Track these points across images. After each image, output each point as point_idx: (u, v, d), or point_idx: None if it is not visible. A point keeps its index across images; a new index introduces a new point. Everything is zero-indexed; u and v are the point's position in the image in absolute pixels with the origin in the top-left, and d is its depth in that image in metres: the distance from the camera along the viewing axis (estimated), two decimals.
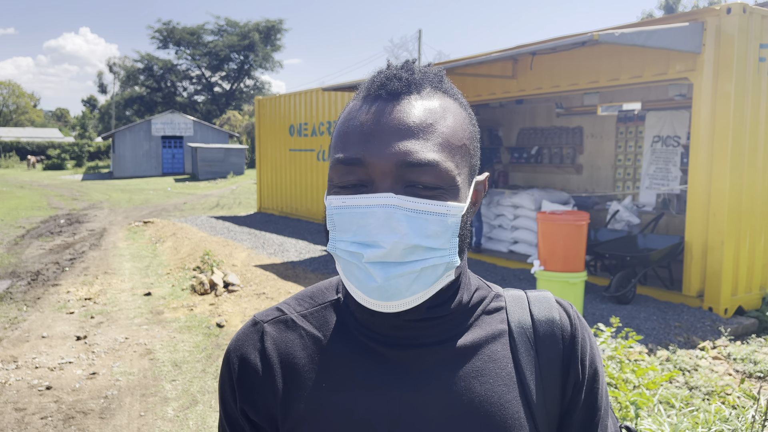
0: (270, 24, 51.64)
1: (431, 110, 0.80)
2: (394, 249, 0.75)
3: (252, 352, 0.89)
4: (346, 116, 0.83)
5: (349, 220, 0.78)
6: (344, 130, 0.82)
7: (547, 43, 6.48)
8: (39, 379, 4.86)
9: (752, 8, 6.01)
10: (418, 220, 0.76)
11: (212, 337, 5.82)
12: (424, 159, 0.77)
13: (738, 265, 6.23)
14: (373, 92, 0.82)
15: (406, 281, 0.77)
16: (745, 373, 4.78)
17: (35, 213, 16.59)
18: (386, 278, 0.76)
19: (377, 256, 0.75)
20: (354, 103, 0.85)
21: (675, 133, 8.51)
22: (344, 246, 0.79)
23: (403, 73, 0.83)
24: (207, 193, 23.06)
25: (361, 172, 0.78)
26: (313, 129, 13.57)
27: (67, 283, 8.14)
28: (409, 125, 0.78)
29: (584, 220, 5.85)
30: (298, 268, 8.61)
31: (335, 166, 0.80)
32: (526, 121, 11.12)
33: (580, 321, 0.93)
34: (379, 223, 0.76)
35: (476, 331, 0.88)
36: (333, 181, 0.81)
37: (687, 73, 6.28)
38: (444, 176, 0.78)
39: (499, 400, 0.84)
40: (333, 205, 0.80)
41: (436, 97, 0.82)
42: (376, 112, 0.80)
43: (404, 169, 0.77)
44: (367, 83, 0.85)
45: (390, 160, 0.77)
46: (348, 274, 0.80)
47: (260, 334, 0.90)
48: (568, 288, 5.75)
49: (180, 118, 37.30)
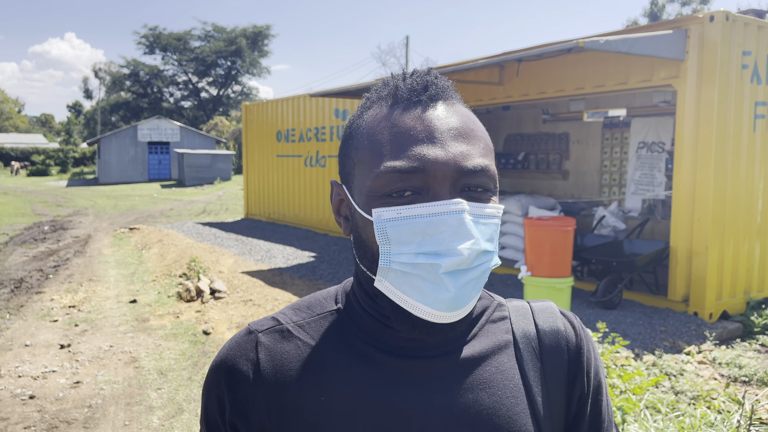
0: (257, 30, 51.60)
1: (468, 117, 0.81)
2: (470, 256, 0.74)
3: (245, 363, 0.85)
4: (377, 123, 0.80)
5: (411, 230, 0.75)
6: (386, 136, 0.78)
7: (534, 50, 6.52)
8: (22, 388, 4.79)
9: (735, 16, 6.09)
10: (481, 224, 0.77)
11: (198, 345, 5.78)
12: (480, 164, 0.78)
13: (722, 269, 6.29)
14: (406, 97, 0.80)
15: (471, 287, 0.76)
16: (730, 377, 4.82)
17: (19, 220, 16.40)
18: (458, 287, 0.74)
19: (455, 264, 0.74)
20: (378, 110, 0.81)
21: (660, 139, 8.59)
22: (407, 259, 0.75)
23: (433, 79, 0.82)
24: (194, 199, 22.93)
25: (417, 179, 0.75)
26: (301, 135, 13.56)
27: (51, 290, 8.05)
28: (458, 130, 0.78)
29: (571, 225, 5.88)
30: (286, 274, 8.58)
31: (386, 174, 0.76)
32: (512, 127, 11.18)
33: (585, 332, 0.93)
34: (452, 231, 0.74)
35: (482, 341, 0.86)
36: (377, 192, 0.77)
37: (671, 80, 6.34)
38: (492, 179, 0.79)
39: (508, 412, 0.82)
40: (384, 218, 0.76)
41: (460, 105, 0.83)
42: (420, 117, 0.78)
43: (462, 174, 0.76)
44: (387, 89, 0.83)
45: (449, 166, 0.75)
46: (406, 288, 0.76)
47: (254, 344, 0.86)
48: (555, 293, 5.77)
49: (166, 124, 37.11)
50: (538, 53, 6.42)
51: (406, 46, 40.58)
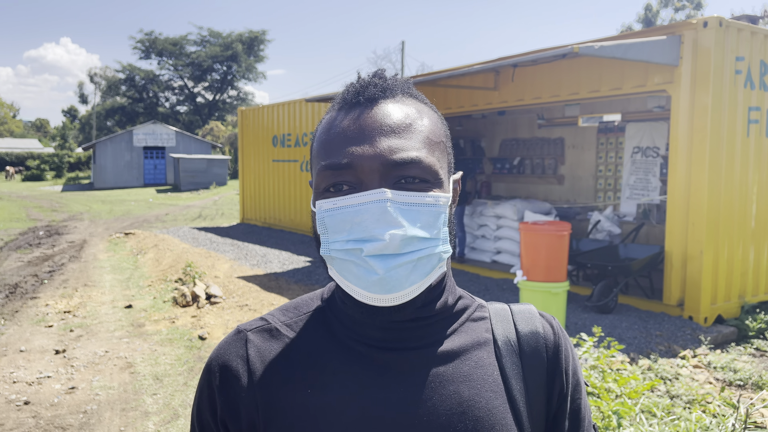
0: (253, 35, 51.60)
1: (408, 112, 0.85)
2: (392, 241, 0.77)
3: (235, 360, 0.88)
4: (326, 126, 0.87)
5: (342, 219, 0.80)
6: (327, 138, 0.84)
7: (529, 56, 6.55)
8: (17, 393, 4.77)
9: (728, 22, 6.13)
10: (411, 211, 0.80)
11: (194, 350, 5.76)
12: (409, 156, 0.81)
13: (717, 274, 6.31)
14: (350, 100, 0.86)
15: (405, 271, 0.79)
16: (725, 381, 4.83)
17: (13, 225, 16.35)
18: (387, 269, 0.78)
19: (377, 248, 0.77)
20: (331, 114, 0.88)
21: (654, 144, 8.63)
22: (339, 246, 0.80)
23: (376, 80, 0.87)
24: (189, 204, 22.89)
25: (349, 175, 0.81)
26: (297, 140, 13.56)
27: (46, 295, 8.02)
28: (390, 126, 0.82)
29: (566, 230, 5.90)
30: (281, 279, 8.57)
31: (322, 172, 0.82)
32: (508, 132, 11.21)
33: (563, 333, 0.96)
34: (375, 218, 0.78)
35: (462, 336, 0.89)
36: (320, 187, 0.83)
37: (665, 86, 6.38)
38: (429, 170, 0.82)
39: (487, 405, 0.85)
40: (324, 209, 0.82)
41: (408, 101, 0.87)
42: (357, 117, 0.83)
43: (391, 167, 0.80)
44: (341, 94, 0.89)
45: (377, 160, 0.80)
46: (345, 273, 0.81)
47: (243, 342, 0.90)
48: (551, 298, 5.78)
49: (162, 129, 37.06)
50: (533, 58, 6.45)
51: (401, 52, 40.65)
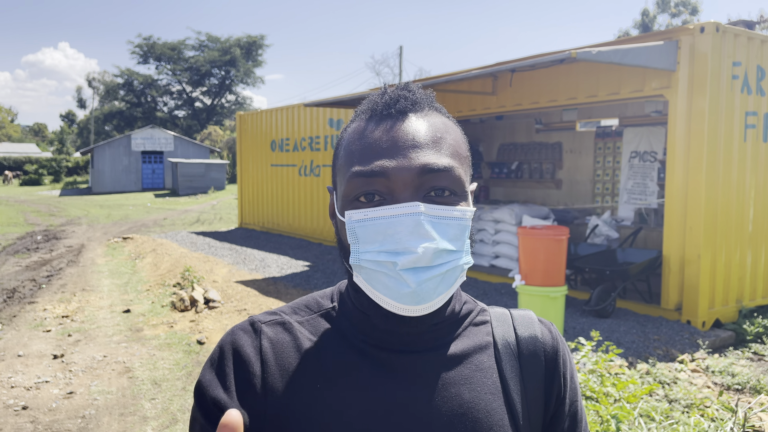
0: (251, 39, 51.67)
1: (436, 126, 0.88)
2: (425, 254, 0.80)
3: (248, 347, 0.89)
4: (355, 134, 0.88)
5: (375, 231, 0.82)
6: (359, 146, 0.86)
7: (527, 61, 6.57)
8: (15, 398, 4.76)
9: (725, 27, 6.16)
10: (441, 224, 0.82)
11: (192, 355, 5.76)
12: (442, 165, 0.83)
13: (715, 278, 6.33)
14: (380, 111, 0.87)
15: (434, 284, 0.81)
16: (723, 385, 4.84)
17: (11, 229, 16.32)
18: (419, 282, 0.80)
19: (410, 261, 0.79)
20: (359, 123, 0.89)
21: (652, 148, 8.66)
22: (371, 256, 0.82)
23: (406, 93, 0.89)
24: (187, 209, 22.88)
25: (381, 185, 0.82)
26: (295, 144, 13.57)
27: (44, 300, 8.01)
28: (422, 139, 0.85)
29: (564, 234, 5.91)
30: (280, 283, 8.57)
31: (353, 179, 0.83)
32: (506, 137, 11.24)
33: (561, 338, 0.99)
34: (409, 231, 0.80)
35: (464, 340, 0.92)
36: (349, 195, 0.84)
37: (662, 90, 6.40)
38: (457, 182, 0.85)
39: (486, 407, 0.88)
40: (354, 219, 0.83)
41: (435, 114, 0.90)
42: (389, 128, 0.85)
43: (423, 176, 0.82)
44: (369, 104, 0.90)
45: (410, 171, 0.82)
46: (375, 283, 0.83)
47: (258, 331, 0.90)
48: (549, 302, 5.78)
49: (160, 133, 37.07)
50: (531, 63, 6.47)
51: (399, 57, 40.77)
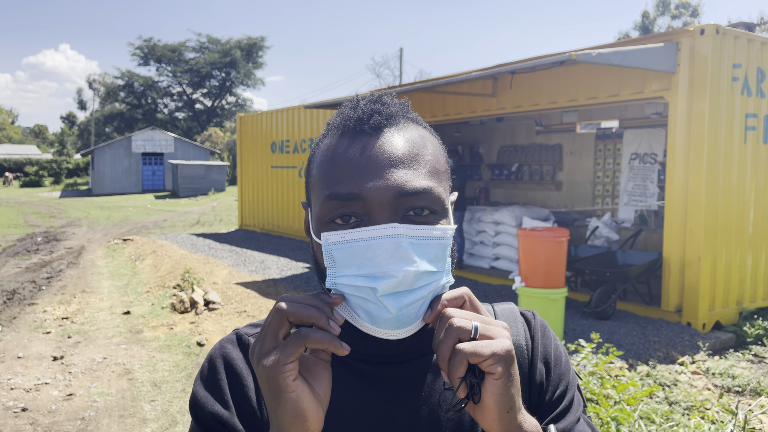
0: (252, 41, 51.71)
1: (413, 141, 0.83)
2: (406, 277, 0.76)
3: (237, 359, 0.90)
4: (328, 153, 0.84)
5: (352, 254, 0.77)
6: (332, 166, 0.82)
7: (527, 63, 6.58)
8: (14, 400, 4.76)
9: (725, 29, 6.16)
10: (421, 246, 0.78)
11: (192, 356, 5.76)
12: (420, 186, 0.79)
13: (715, 280, 6.32)
14: (352, 128, 0.83)
15: (415, 308, 0.77)
16: (723, 387, 4.84)
17: (11, 231, 16.32)
18: (399, 308, 0.76)
19: (390, 286, 0.75)
20: (331, 140, 0.85)
21: (652, 150, 8.66)
22: (348, 281, 0.77)
23: (379, 107, 0.84)
24: (188, 210, 22.89)
25: (357, 206, 0.79)
26: (295, 146, 13.58)
27: (44, 302, 8.01)
28: (399, 157, 0.80)
29: (564, 236, 5.91)
30: (280, 285, 8.57)
31: (328, 202, 0.80)
32: (506, 139, 11.24)
33: (541, 326, 0.98)
34: (388, 254, 0.76)
35: None
36: (324, 218, 0.81)
37: (662, 92, 6.40)
38: (437, 201, 0.81)
39: None
40: (330, 241, 0.79)
41: (411, 127, 0.85)
42: (363, 147, 0.81)
43: (401, 198, 0.78)
44: (341, 119, 0.86)
45: (387, 192, 0.78)
46: (355, 308, 0.78)
47: (244, 344, 0.91)
48: (549, 304, 5.78)
49: (161, 135, 37.09)
50: (531, 65, 6.48)
51: (400, 58, 40.80)
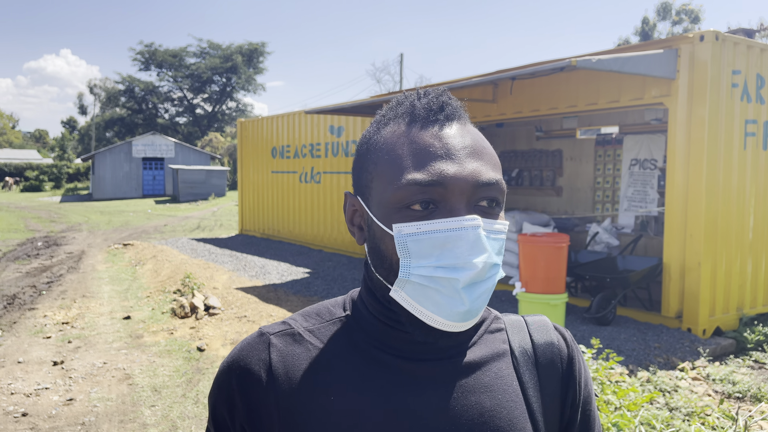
0: (253, 47, 51.79)
1: (478, 135, 0.86)
2: (483, 269, 0.79)
3: (257, 364, 0.87)
4: (398, 139, 0.83)
5: (430, 244, 0.78)
6: (407, 152, 0.81)
7: (527, 69, 6.60)
8: (14, 405, 4.76)
9: (725, 36, 6.18)
10: (491, 239, 0.81)
11: (193, 361, 5.75)
12: (493, 178, 0.82)
13: (715, 286, 6.32)
14: (424, 116, 0.84)
15: (483, 299, 0.81)
16: (724, 393, 4.83)
17: (12, 235, 16.33)
18: (473, 300, 0.79)
19: (471, 277, 0.78)
20: (397, 127, 0.85)
21: (652, 156, 8.67)
22: (426, 272, 0.78)
23: (448, 99, 0.86)
24: (188, 215, 22.89)
25: (437, 193, 0.79)
26: (296, 151, 13.60)
27: (44, 306, 8.01)
28: (474, 148, 0.83)
29: (564, 242, 5.91)
30: (280, 290, 8.56)
31: (407, 187, 0.79)
32: (506, 144, 11.25)
33: (576, 345, 0.99)
34: (469, 245, 0.78)
35: (481, 348, 0.91)
36: (400, 203, 0.80)
37: (662, 98, 6.42)
38: (502, 192, 0.84)
39: (508, 415, 0.87)
40: (405, 233, 0.79)
41: (470, 123, 0.88)
42: (439, 135, 0.82)
43: (478, 188, 0.80)
44: (405, 108, 0.86)
45: (467, 181, 0.80)
46: (423, 300, 0.79)
47: (266, 345, 0.88)
48: (549, 309, 5.78)
49: (161, 140, 37.12)
50: (531, 71, 6.49)
51: (400, 64, 40.89)
